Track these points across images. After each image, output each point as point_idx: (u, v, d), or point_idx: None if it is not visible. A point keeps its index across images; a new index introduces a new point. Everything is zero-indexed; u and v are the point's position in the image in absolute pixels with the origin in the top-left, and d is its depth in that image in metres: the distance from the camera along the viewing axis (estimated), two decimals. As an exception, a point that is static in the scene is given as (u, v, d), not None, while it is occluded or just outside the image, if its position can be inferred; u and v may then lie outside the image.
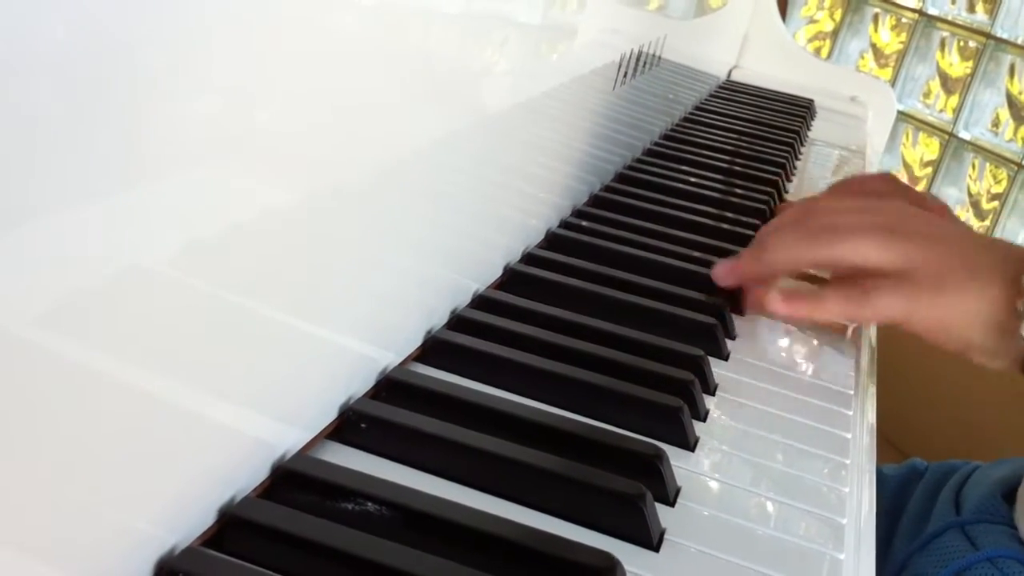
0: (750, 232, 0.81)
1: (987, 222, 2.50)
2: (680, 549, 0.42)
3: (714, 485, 0.48)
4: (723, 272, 0.66)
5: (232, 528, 0.37)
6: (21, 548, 0.28)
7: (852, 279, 0.62)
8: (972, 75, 2.56)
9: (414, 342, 0.52)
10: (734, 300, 0.68)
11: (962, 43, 2.64)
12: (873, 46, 2.91)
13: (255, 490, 0.40)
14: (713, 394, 0.56)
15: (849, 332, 0.67)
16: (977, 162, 2.56)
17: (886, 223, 0.62)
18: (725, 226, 0.82)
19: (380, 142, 0.43)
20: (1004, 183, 2.46)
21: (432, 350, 0.53)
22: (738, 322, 0.66)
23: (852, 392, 0.60)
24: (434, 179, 0.50)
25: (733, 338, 0.64)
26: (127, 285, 0.29)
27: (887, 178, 0.83)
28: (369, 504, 0.39)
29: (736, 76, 1.58)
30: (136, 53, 0.27)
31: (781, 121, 1.29)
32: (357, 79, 0.40)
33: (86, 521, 0.30)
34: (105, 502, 0.31)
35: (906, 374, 1.46)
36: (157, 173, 0.29)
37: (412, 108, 0.45)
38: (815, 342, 0.67)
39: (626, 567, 0.39)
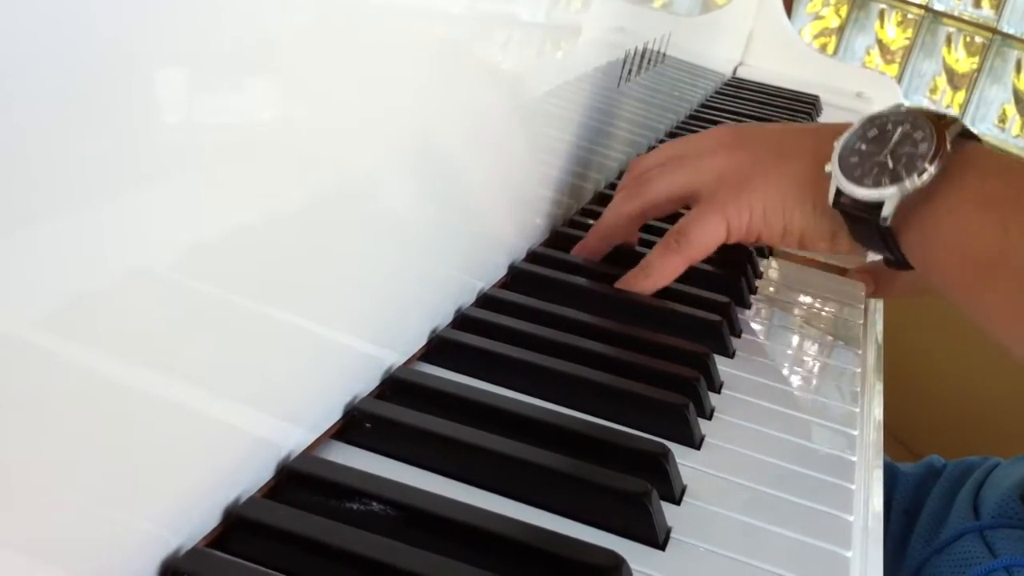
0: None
1: (994, 218, 2.49)
2: (686, 547, 0.42)
3: (720, 483, 0.47)
4: (577, 248, 0.68)
5: (237, 528, 0.37)
6: (26, 549, 0.28)
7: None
8: (978, 71, 2.55)
9: (419, 341, 0.52)
10: (739, 297, 0.68)
11: (968, 39, 2.64)
12: (879, 42, 2.90)
13: (260, 490, 0.39)
14: (719, 392, 0.56)
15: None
16: (984, 158, 2.55)
17: (684, 151, 0.63)
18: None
19: (384, 142, 0.43)
20: (1011, 179, 2.45)
21: (437, 349, 0.53)
22: (744, 319, 0.66)
23: (858, 389, 0.60)
24: (438, 178, 0.50)
25: (739, 336, 0.64)
26: (132, 286, 0.29)
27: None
28: (374, 504, 0.39)
29: (742, 73, 1.57)
30: (140, 55, 0.27)
31: (786, 118, 1.29)
32: (361, 79, 0.40)
33: (91, 522, 0.30)
34: (110, 503, 0.31)
35: (915, 372, 1.46)
36: (161, 175, 0.29)
37: (415, 108, 0.45)
38: (822, 339, 0.67)
39: (632, 566, 0.39)
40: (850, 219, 0.56)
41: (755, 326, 0.66)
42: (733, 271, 0.70)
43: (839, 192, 0.55)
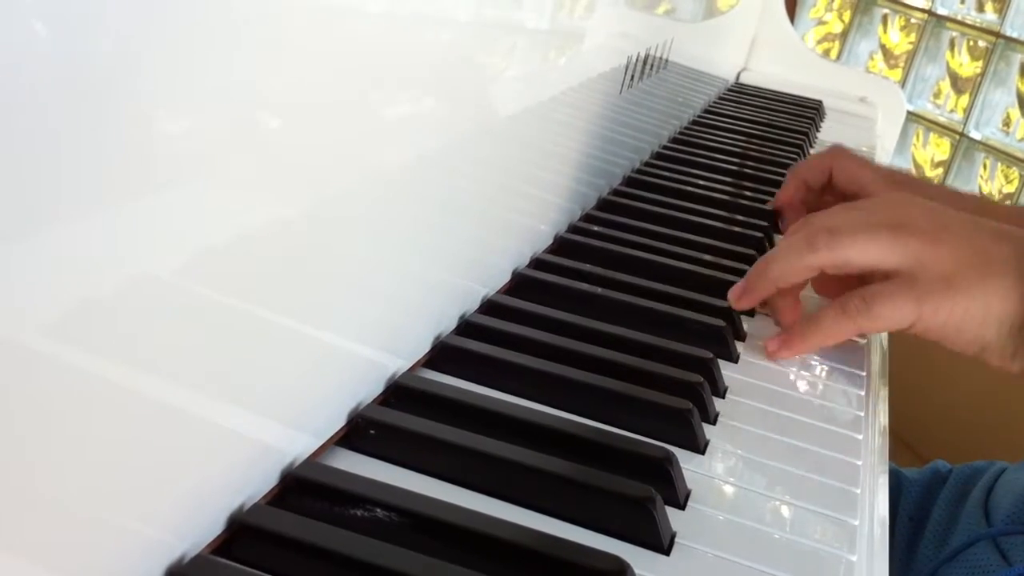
0: (758, 234, 0.80)
1: (999, 222, 2.49)
2: (691, 552, 0.42)
3: (725, 488, 0.47)
4: (735, 295, 0.64)
5: (241, 535, 0.37)
6: (30, 555, 0.28)
7: (848, 290, 0.59)
8: (982, 75, 2.55)
9: (423, 347, 0.52)
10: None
11: (972, 43, 2.64)
12: (883, 47, 2.90)
13: (264, 497, 0.40)
14: (723, 396, 0.56)
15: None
16: (988, 162, 2.56)
17: (888, 219, 0.59)
18: (734, 229, 0.82)
19: (388, 148, 0.43)
20: (1016, 182, 2.45)
21: (441, 355, 0.53)
22: (748, 324, 0.66)
23: (863, 393, 0.60)
24: (442, 184, 0.50)
25: (743, 340, 0.64)
26: (136, 293, 0.29)
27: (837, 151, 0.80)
28: (378, 510, 0.39)
29: (745, 78, 1.58)
30: (144, 62, 0.27)
31: (790, 123, 1.29)
32: (366, 86, 0.40)
33: (95, 528, 0.31)
34: (115, 510, 0.31)
35: (921, 375, 1.45)
36: (165, 182, 0.29)
37: (420, 114, 0.45)
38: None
39: (637, 571, 0.39)
40: None
41: (760, 331, 0.66)
42: (738, 276, 0.70)
43: None
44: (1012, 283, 0.57)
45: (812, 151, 1.24)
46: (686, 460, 0.48)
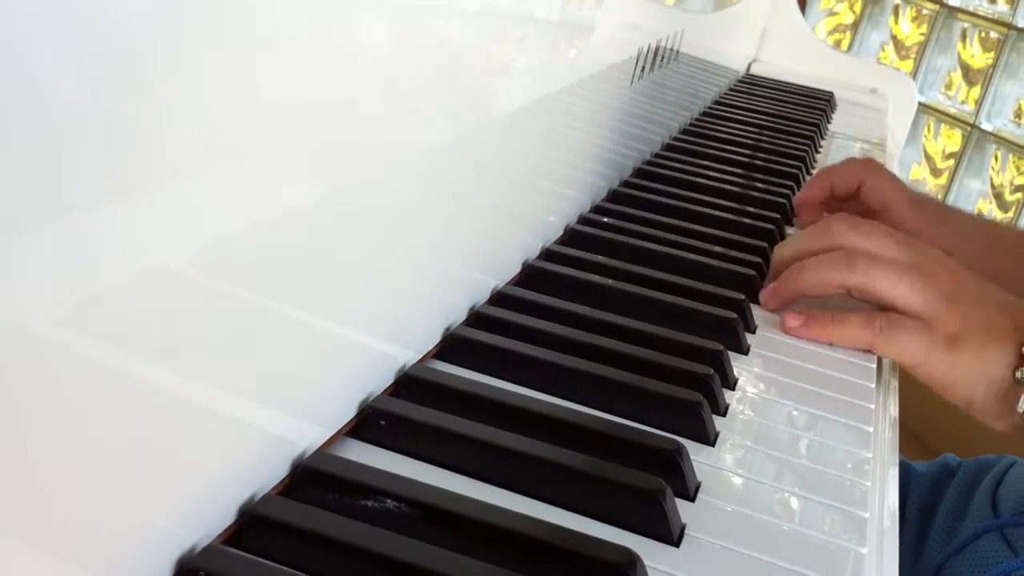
0: (769, 226, 0.80)
1: (1010, 214, 2.49)
2: (701, 544, 0.42)
3: (735, 480, 0.47)
4: (767, 296, 0.67)
5: (252, 526, 0.37)
6: (42, 545, 0.28)
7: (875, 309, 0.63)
8: (994, 66, 2.54)
9: (433, 339, 0.52)
10: (754, 294, 0.67)
11: (983, 34, 2.63)
12: (894, 38, 2.89)
13: (275, 488, 0.40)
14: (733, 388, 0.56)
15: None
16: (1000, 153, 2.55)
17: (919, 264, 0.63)
18: (745, 220, 0.82)
19: (398, 140, 0.43)
20: (1027, 174, 2.44)
21: (451, 347, 0.53)
22: (758, 316, 0.65)
23: (873, 385, 0.60)
24: (452, 176, 0.50)
25: (753, 332, 0.64)
26: (147, 284, 0.29)
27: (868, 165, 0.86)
28: (388, 501, 0.39)
29: (756, 70, 1.57)
30: (156, 54, 0.27)
31: (801, 114, 1.29)
32: (375, 78, 0.40)
33: (107, 519, 0.31)
34: (126, 500, 0.31)
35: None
36: (178, 174, 0.29)
37: (430, 106, 0.45)
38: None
39: (646, 562, 0.39)
40: None
41: (770, 323, 0.65)
42: (748, 268, 0.70)
43: None
44: (1006, 354, 0.62)
45: (823, 143, 1.23)
46: (696, 452, 0.48)
